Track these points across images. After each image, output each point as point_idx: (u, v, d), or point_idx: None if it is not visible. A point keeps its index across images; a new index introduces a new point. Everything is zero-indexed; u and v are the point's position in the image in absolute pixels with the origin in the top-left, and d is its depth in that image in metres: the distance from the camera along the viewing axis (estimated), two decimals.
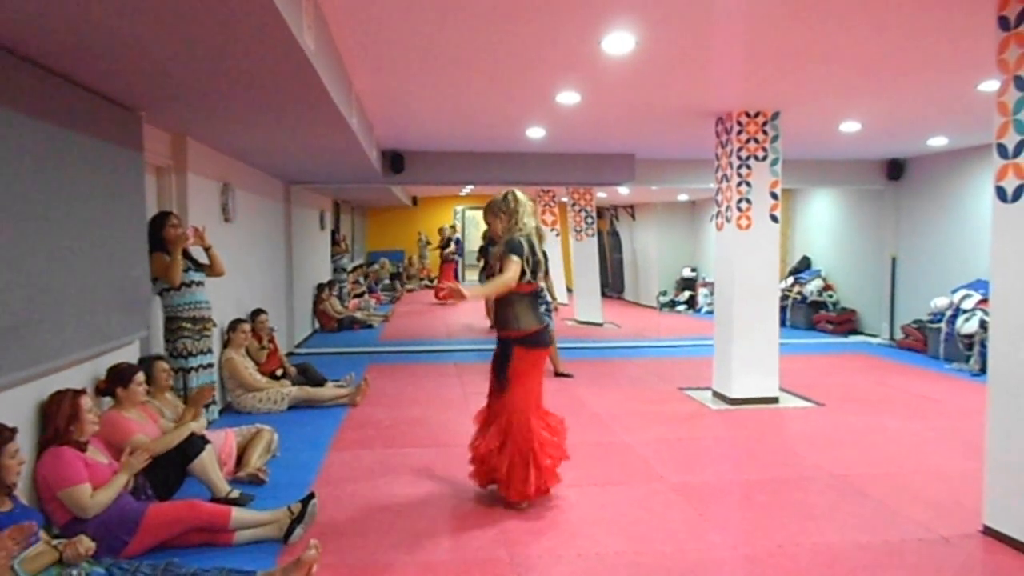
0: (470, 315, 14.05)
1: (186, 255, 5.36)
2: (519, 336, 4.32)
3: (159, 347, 5.35)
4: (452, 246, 18.13)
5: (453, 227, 19.36)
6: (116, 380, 4.11)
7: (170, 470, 4.09)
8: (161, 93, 4.38)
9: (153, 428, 4.20)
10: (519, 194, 4.50)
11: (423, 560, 3.63)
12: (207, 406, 5.45)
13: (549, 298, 8.19)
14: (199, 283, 5.46)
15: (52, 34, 3.13)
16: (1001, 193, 3.73)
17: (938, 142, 9.01)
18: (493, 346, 4.55)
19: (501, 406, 4.35)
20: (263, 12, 2.79)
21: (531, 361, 4.37)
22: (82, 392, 3.59)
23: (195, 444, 4.18)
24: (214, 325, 5.77)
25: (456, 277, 17.40)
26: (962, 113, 6.95)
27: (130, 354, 4.78)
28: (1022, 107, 3.58)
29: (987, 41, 3.82)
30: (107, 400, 4.19)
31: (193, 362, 5.38)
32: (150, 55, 3.48)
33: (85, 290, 4.02)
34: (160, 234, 5.16)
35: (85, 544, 2.96)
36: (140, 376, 4.20)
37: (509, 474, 4.26)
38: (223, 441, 4.74)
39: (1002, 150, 3.72)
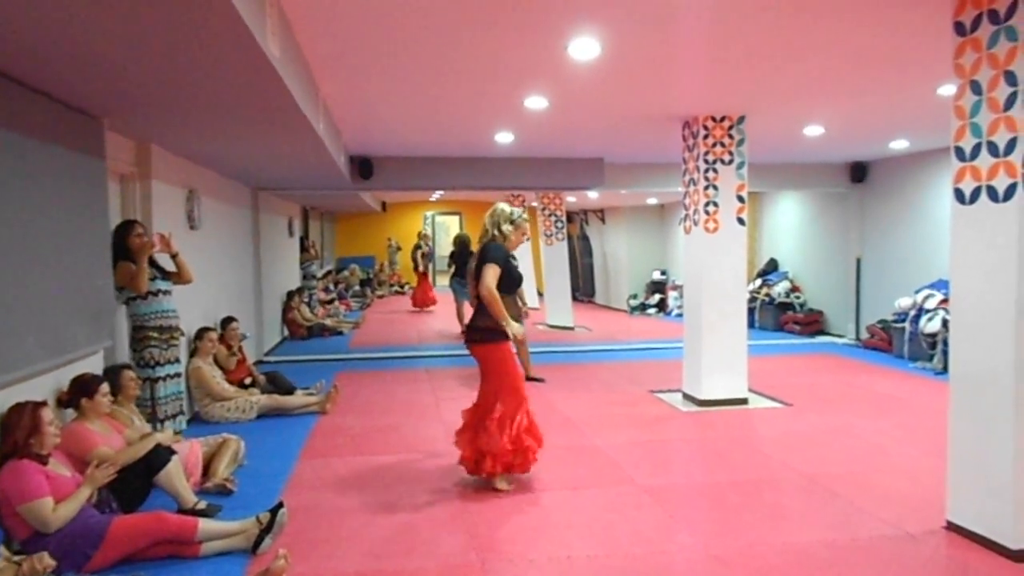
0: (442, 321, 14.04)
1: (152, 263, 5.29)
2: None
3: (124, 357, 5.26)
4: (420, 255, 17.48)
5: (422, 235, 18.88)
6: (80, 391, 4.04)
7: (135, 482, 4.02)
8: (123, 100, 4.32)
9: (117, 439, 4.13)
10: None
11: (394, 567, 3.61)
12: (174, 416, 5.39)
13: (520, 302, 8.21)
14: (166, 292, 5.39)
15: (9, 40, 3.08)
16: (959, 195, 3.81)
17: (899, 145, 9.18)
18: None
19: None
20: (225, 18, 2.76)
21: None
22: (43, 404, 3.52)
23: (160, 455, 4.12)
24: (181, 334, 5.70)
25: (429, 284, 17.33)
26: (922, 116, 7.09)
27: (94, 364, 4.71)
28: (978, 111, 3.66)
29: (946, 45, 3.90)
30: (69, 412, 4.11)
31: (160, 372, 5.29)
32: (111, 61, 3.43)
33: (46, 301, 3.94)
34: (125, 243, 5.08)
35: (44, 561, 2.91)
36: (104, 387, 4.13)
37: None
38: (188, 451, 4.67)
39: (959, 153, 3.80)
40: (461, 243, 11.89)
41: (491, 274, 4.51)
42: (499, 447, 4.52)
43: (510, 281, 4.68)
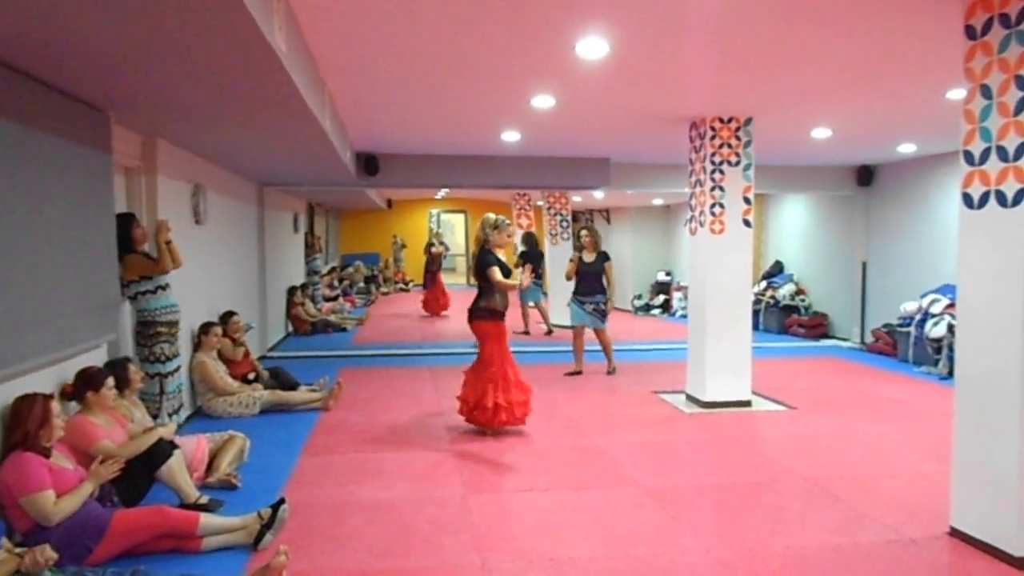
0: (457, 323, 14.01)
1: (148, 256, 5.27)
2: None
3: (128, 351, 5.27)
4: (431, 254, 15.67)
5: (436, 234, 17.61)
6: (87, 384, 4.04)
7: (137, 476, 4.02)
8: (130, 93, 4.32)
9: (120, 433, 4.13)
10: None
11: (395, 566, 3.61)
12: (178, 410, 5.40)
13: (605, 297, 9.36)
14: (168, 285, 5.39)
15: (17, 32, 3.08)
16: (967, 200, 3.79)
17: (907, 149, 9.15)
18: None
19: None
20: (233, 12, 2.76)
21: None
22: (51, 396, 3.53)
23: (163, 449, 4.12)
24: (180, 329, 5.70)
25: (442, 285, 15.49)
26: (930, 120, 7.06)
27: (97, 358, 4.71)
28: (988, 115, 3.64)
29: (955, 50, 3.88)
30: (71, 405, 4.11)
31: (170, 366, 5.31)
32: (118, 55, 3.43)
33: (50, 293, 3.95)
34: (129, 236, 5.08)
35: (46, 554, 2.91)
36: (111, 381, 4.13)
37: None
38: (195, 447, 4.68)
39: (968, 157, 3.78)
40: (533, 242, 11.83)
41: (497, 271, 5.86)
42: (480, 399, 5.75)
43: (505, 271, 5.96)
